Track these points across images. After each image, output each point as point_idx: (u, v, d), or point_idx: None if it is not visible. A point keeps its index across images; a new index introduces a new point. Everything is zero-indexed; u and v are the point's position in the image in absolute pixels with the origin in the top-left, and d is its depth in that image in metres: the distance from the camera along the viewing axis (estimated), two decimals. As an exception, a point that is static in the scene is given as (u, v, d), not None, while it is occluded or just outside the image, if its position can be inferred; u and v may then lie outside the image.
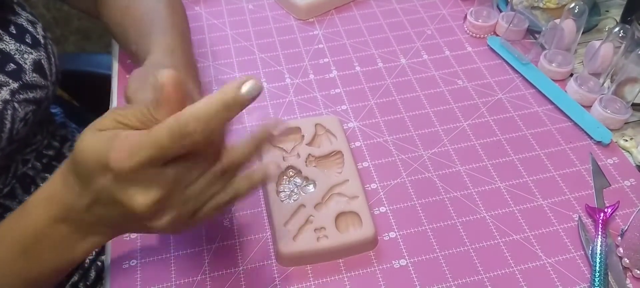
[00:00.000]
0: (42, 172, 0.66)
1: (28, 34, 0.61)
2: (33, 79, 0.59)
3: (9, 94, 0.56)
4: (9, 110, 0.56)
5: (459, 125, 0.64)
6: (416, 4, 0.82)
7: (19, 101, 0.57)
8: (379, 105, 0.67)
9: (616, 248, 0.52)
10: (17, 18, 0.61)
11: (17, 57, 0.58)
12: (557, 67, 0.69)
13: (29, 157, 0.65)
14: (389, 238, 0.53)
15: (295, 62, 0.73)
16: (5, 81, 0.56)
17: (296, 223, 0.52)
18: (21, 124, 0.58)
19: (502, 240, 0.53)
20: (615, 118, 0.63)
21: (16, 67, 0.58)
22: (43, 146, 0.67)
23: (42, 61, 0.61)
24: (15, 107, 0.57)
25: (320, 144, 0.60)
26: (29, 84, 0.59)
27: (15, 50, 0.58)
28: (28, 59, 0.59)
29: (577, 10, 0.67)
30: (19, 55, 0.58)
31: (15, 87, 0.57)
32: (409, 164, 0.60)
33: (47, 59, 0.62)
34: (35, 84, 0.60)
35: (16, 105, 0.57)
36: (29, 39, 0.60)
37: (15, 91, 0.57)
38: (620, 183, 0.58)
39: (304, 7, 0.79)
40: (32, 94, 0.59)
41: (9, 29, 0.59)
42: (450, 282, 0.50)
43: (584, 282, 0.50)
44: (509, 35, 0.74)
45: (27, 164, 0.64)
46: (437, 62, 0.73)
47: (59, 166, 0.42)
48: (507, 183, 0.58)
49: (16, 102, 0.57)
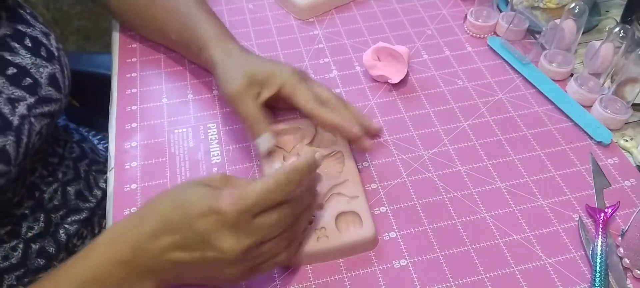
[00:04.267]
0: (47, 177, 0.66)
1: (43, 47, 0.60)
2: (48, 93, 0.59)
3: (26, 109, 0.56)
4: (26, 125, 0.56)
5: (459, 125, 0.64)
6: (416, 4, 0.82)
7: (35, 115, 0.57)
8: (379, 105, 0.67)
9: (616, 248, 0.52)
10: (31, 30, 0.61)
11: (33, 71, 0.58)
12: (558, 67, 0.69)
13: (37, 165, 0.65)
14: (389, 238, 0.53)
15: (296, 62, 0.73)
16: (22, 96, 0.56)
17: (296, 223, 0.52)
18: (37, 137, 0.58)
19: (503, 240, 0.53)
20: (615, 118, 0.63)
21: (32, 82, 0.57)
22: (48, 154, 0.67)
23: (57, 74, 0.61)
24: (32, 121, 0.57)
25: (320, 143, 0.60)
26: (44, 97, 0.58)
27: (31, 64, 0.58)
28: (44, 72, 0.59)
29: (578, 10, 0.67)
30: (34, 69, 0.58)
31: (32, 102, 0.57)
32: (409, 164, 0.60)
33: (61, 72, 0.62)
34: (50, 97, 0.59)
35: (33, 119, 0.57)
36: (44, 52, 0.60)
37: (31, 106, 0.57)
38: (621, 184, 0.58)
39: (304, 7, 0.79)
40: (47, 108, 0.59)
41: (24, 42, 0.59)
42: (451, 282, 0.50)
43: (584, 282, 0.50)
44: (509, 35, 0.74)
45: (35, 173, 0.64)
46: (437, 62, 0.73)
47: (60, 170, 0.44)
48: (508, 184, 0.58)
49: (33, 116, 0.57)
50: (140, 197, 0.57)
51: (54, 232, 0.66)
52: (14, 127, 0.54)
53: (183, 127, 0.64)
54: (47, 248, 0.65)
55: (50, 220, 0.65)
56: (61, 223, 0.67)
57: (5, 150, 0.53)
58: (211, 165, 0.60)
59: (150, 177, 0.59)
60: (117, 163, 0.60)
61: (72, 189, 0.68)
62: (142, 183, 0.58)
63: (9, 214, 0.62)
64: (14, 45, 0.58)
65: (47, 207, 0.65)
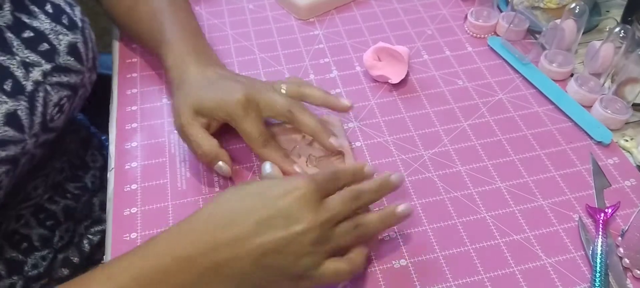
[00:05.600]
0: (77, 185, 0.66)
1: (65, 15, 0.59)
2: (67, 62, 0.57)
3: (41, 75, 0.54)
4: (40, 92, 0.54)
5: (459, 125, 0.64)
6: (416, 4, 0.82)
7: (51, 84, 0.55)
8: (379, 106, 0.67)
9: (617, 248, 0.52)
10: None
11: (51, 37, 0.56)
12: (558, 67, 0.69)
13: (64, 165, 0.64)
14: (389, 238, 0.53)
15: (296, 62, 0.73)
16: (38, 61, 0.54)
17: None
18: (55, 109, 0.56)
19: (502, 240, 0.53)
20: (615, 118, 0.63)
21: (50, 48, 0.56)
22: (74, 155, 0.67)
23: (78, 44, 0.59)
24: (48, 89, 0.55)
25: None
26: (62, 66, 0.56)
27: (49, 30, 0.56)
28: (63, 40, 0.57)
29: (578, 11, 0.67)
30: (53, 35, 0.56)
31: (48, 69, 0.55)
32: (409, 164, 0.60)
33: (84, 43, 0.60)
34: (70, 67, 0.57)
35: (48, 88, 0.55)
36: (65, 20, 0.58)
37: (47, 72, 0.55)
38: (621, 184, 0.58)
39: (305, 7, 0.79)
40: (66, 78, 0.57)
41: (44, 7, 0.57)
42: (450, 282, 0.50)
43: (584, 282, 0.50)
44: (509, 36, 0.74)
45: (62, 173, 0.64)
46: (437, 62, 0.73)
47: (87, 178, 0.45)
48: (508, 184, 0.58)
49: (48, 84, 0.55)
50: (141, 197, 0.57)
51: (78, 242, 0.66)
52: (27, 92, 0.52)
53: (183, 127, 0.64)
54: (72, 258, 0.65)
55: (76, 230, 0.66)
56: (85, 234, 0.67)
57: (16, 114, 0.51)
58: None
59: (150, 178, 0.59)
60: (117, 164, 0.60)
61: (97, 200, 0.69)
62: (142, 184, 0.58)
63: (42, 221, 0.62)
64: (33, 8, 0.56)
65: (75, 217, 0.66)
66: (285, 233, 0.42)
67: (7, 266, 0.60)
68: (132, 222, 0.54)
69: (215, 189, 0.57)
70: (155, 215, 0.55)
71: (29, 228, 0.62)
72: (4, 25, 0.53)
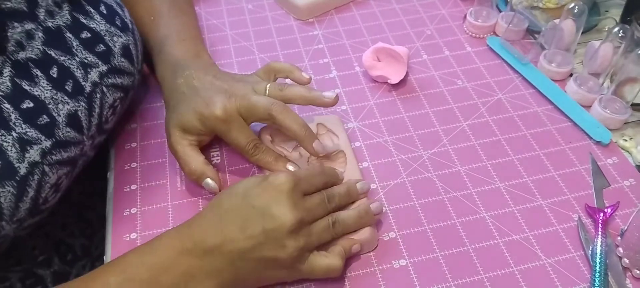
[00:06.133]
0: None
1: (118, 16, 0.58)
2: (121, 64, 0.57)
3: (98, 77, 0.54)
4: (97, 93, 0.53)
5: (459, 125, 0.64)
6: (416, 4, 0.82)
7: (107, 85, 0.55)
8: (379, 105, 0.67)
9: (616, 248, 0.52)
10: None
11: (107, 39, 0.56)
12: (557, 67, 0.69)
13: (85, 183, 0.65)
14: (389, 239, 0.53)
15: (295, 62, 0.73)
16: (95, 62, 0.54)
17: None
18: (110, 111, 0.56)
19: (502, 240, 0.53)
20: (614, 118, 0.63)
21: (105, 49, 0.55)
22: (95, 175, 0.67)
23: (131, 46, 0.58)
24: (104, 91, 0.54)
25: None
26: (117, 68, 0.56)
27: (105, 31, 0.56)
28: (117, 42, 0.56)
29: (577, 10, 0.67)
30: (108, 36, 0.56)
31: (104, 70, 0.54)
32: (409, 164, 0.60)
33: (135, 44, 0.59)
34: (124, 69, 0.57)
35: (105, 89, 0.54)
36: (118, 21, 0.58)
37: (103, 74, 0.54)
38: (620, 183, 0.58)
39: (304, 7, 0.79)
40: (120, 80, 0.57)
41: (99, 8, 0.56)
42: (450, 282, 0.50)
43: (583, 282, 0.50)
44: (508, 35, 0.74)
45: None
46: (436, 62, 0.73)
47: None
48: (507, 184, 0.58)
49: (105, 85, 0.54)
50: (140, 197, 0.57)
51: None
52: (86, 93, 0.52)
53: (183, 127, 0.64)
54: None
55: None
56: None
57: (77, 115, 0.51)
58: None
59: (150, 178, 0.59)
60: (117, 164, 0.60)
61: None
62: (142, 184, 0.58)
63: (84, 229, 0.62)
64: (89, 9, 0.55)
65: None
66: (265, 227, 0.45)
67: (55, 278, 0.60)
68: (132, 222, 0.55)
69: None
70: (155, 216, 0.55)
71: (73, 237, 0.62)
72: (64, 25, 0.52)
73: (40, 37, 0.49)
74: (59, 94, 0.49)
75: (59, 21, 0.52)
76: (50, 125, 0.48)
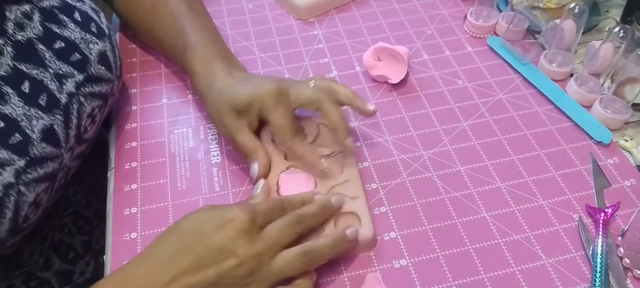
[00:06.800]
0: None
1: (93, 22, 0.57)
2: (99, 71, 0.56)
3: (74, 87, 0.52)
4: (74, 104, 0.52)
5: (459, 125, 0.64)
6: (416, 4, 0.82)
7: (84, 94, 0.53)
8: (379, 105, 0.66)
9: (617, 248, 0.52)
10: (81, 4, 0.57)
11: (82, 47, 0.54)
12: (557, 67, 0.69)
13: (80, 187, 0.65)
14: (389, 239, 0.53)
15: (295, 62, 0.73)
16: (70, 72, 0.52)
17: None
18: (88, 120, 0.55)
19: (503, 240, 0.53)
20: (615, 118, 0.63)
21: (81, 58, 0.54)
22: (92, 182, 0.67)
23: (108, 53, 0.57)
24: (82, 101, 0.53)
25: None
26: (94, 76, 0.55)
27: (80, 39, 0.54)
28: (93, 49, 0.55)
29: (577, 10, 0.67)
30: (84, 44, 0.54)
31: (81, 79, 0.53)
32: (409, 164, 0.60)
33: (112, 50, 0.58)
34: (101, 77, 0.56)
35: (82, 99, 0.53)
36: (94, 28, 0.56)
37: (80, 83, 0.53)
38: (621, 184, 0.58)
39: (304, 7, 0.79)
40: (98, 88, 0.55)
41: (73, 15, 0.55)
42: (451, 282, 0.50)
43: (584, 282, 0.50)
44: (509, 35, 0.74)
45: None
46: (437, 62, 0.73)
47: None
48: (508, 183, 0.58)
49: (82, 95, 0.53)
50: (140, 197, 0.57)
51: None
52: (62, 105, 0.51)
53: (183, 127, 0.64)
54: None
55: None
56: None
57: (53, 129, 0.49)
58: (211, 165, 0.60)
59: (150, 177, 0.59)
60: (117, 164, 0.60)
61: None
62: (142, 184, 0.58)
63: (82, 227, 0.62)
64: (62, 17, 0.54)
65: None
66: (218, 270, 0.43)
67: (59, 278, 0.60)
68: (132, 222, 0.54)
69: (214, 189, 0.57)
70: (155, 215, 0.55)
71: (72, 236, 0.62)
72: (35, 36, 0.51)
73: (9, 52, 0.48)
74: (33, 110, 0.48)
75: (30, 33, 0.50)
76: (23, 143, 0.46)
